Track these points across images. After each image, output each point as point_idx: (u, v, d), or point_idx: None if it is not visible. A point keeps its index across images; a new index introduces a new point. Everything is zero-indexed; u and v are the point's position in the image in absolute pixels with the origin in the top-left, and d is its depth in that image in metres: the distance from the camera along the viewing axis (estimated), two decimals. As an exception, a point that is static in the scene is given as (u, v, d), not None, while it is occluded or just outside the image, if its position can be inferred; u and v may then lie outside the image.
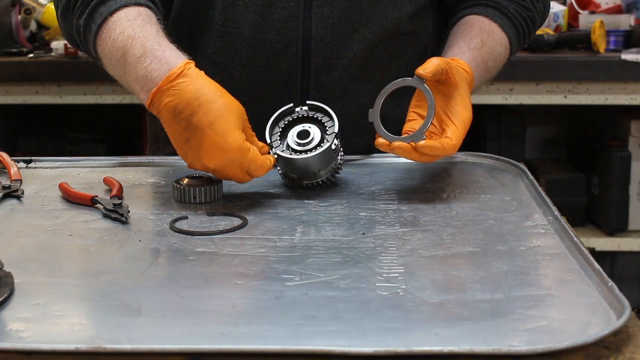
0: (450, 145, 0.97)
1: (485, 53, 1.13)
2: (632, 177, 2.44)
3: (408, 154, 0.97)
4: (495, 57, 1.15)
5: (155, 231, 0.88)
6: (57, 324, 0.67)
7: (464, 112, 1.00)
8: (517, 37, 1.18)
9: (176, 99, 0.94)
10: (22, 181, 1.06)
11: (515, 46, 1.19)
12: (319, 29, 1.11)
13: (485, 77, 1.15)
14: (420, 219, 0.91)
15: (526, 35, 1.20)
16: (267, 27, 1.11)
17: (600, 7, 2.58)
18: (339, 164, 1.03)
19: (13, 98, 2.32)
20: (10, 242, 0.87)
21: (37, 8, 2.49)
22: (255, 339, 0.63)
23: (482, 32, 1.14)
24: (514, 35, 1.17)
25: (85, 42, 1.08)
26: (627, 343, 0.62)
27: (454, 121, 0.99)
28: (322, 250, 0.82)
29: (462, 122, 0.99)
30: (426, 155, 0.97)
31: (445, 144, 0.97)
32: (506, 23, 1.16)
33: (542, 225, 0.89)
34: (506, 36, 1.16)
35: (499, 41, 1.16)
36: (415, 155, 0.97)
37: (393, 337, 0.63)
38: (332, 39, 1.12)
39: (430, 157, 0.98)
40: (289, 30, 1.11)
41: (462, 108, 1.00)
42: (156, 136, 1.29)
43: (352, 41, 1.13)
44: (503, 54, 1.17)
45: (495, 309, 0.68)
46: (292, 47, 1.12)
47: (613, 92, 2.26)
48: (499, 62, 1.17)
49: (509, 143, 2.58)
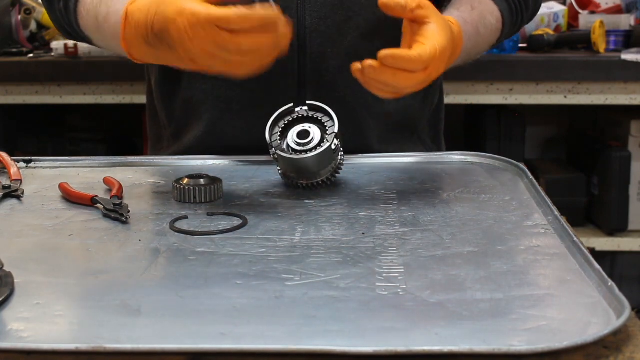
0: (414, 55, 0.90)
1: (476, 16, 1.12)
2: (632, 177, 2.45)
3: (377, 74, 0.91)
4: (487, 24, 1.14)
5: (155, 231, 0.89)
6: (57, 323, 0.67)
7: (434, 35, 0.93)
8: (509, 12, 1.18)
9: (141, 16, 0.90)
10: (22, 181, 1.06)
11: (508, 21, 1.18)
12: (313, 18, 1.12)
13: (478, 41, 1.13)
14: (420, 219, 0.91)
15: (519, 12, 1.19)
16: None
17: (600, 7, 2.58)
18: (339, 164, 1.03)
19: (13, 98, 2.32)
20: (10, 242, 0.87)
21: (37, 8, 2.49)
22: (255, 338, 0.63)
23: (473, 1, 1.15)
24: (506, 8, 1.17)
25: (70, 25, 1.12)
26: (627, 343, 0.62)
27: (420, 40, 0.93)
28: (322, 250, 0.82)
29: (430, 40, 0.93)
30: (391, 71, 0.90)
31: (408, 52, 0.91)
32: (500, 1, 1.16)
33: (542, 225, 0.89)
34: (497, 8, 1.16)
35: (490, 11, 1.16)
36: (385, 74, 0.91)
37: (393, 337, 0.63)
38: (327, 28, 1.12)
39: (396, 74, 0.91)
40: None
41: (431, 32, 0.93)
42: (159, 136, 1.29)
43: (346, 30, 1.13)
44: (495, 24, 1.16)
45: (495, 309, 0.68)
46: None
47: (613, 92, 2.26)
48: (491, 30, 1.15)
49: (509, 143, 2.58)
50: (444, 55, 0.94)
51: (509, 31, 1.21)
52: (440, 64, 0.95)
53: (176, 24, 0.85)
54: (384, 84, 0.93)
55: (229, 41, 0.84)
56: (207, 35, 0.84)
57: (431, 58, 0.92)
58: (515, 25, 1.22)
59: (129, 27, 0.92)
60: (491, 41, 1.18)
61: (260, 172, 1.11)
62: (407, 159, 1.17)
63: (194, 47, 0.86)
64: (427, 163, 1.16)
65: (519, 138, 2.61)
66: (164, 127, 1.26)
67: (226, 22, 0.84)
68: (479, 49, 1.16)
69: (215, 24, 0.84)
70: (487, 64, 2.19)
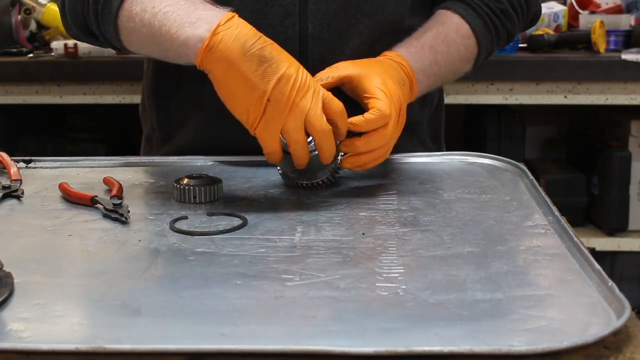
0: (378, 113, 0.98)
1: (430, 37, 1.14)
2: (632, 177, 2.44)
3: (353, 148, 0.99)
4: (448, 41, 1.15)
5: (155, 231, 0.88)
6: (57, 324, 0.67)
7: (379, 87, 1.01)
8: (484, 27, 1.18)
9: (241, 32, 0.94)
10: (22, 181, 1.06)
11: (484, 36, 1.18)
12: (315, 25, 1.12)
13: (435, 58, 1.14)
14: (420, 219, 0.91)
15: (497, 26, 1.19)
16: (264, 26, 1.11)
17: (600, 7, 2.58)
18: (339, 164, 1.03)
19: (13, 98, 2.32)
20: (10, 242, 0.87)
21: (37, 8, 2.49)
22: (255, 339, 0.63)
23: (435, 22, 1.17)
24: (479, 24, 1.18)
25: (101, 26, 1.06)
26: (627, 343, 0.62)
27: (374, 96, 1.00)
28: (322, 250, 0.82)
29: (380, 92, 1.00)
30: (368, 139, 0.99)
31: (373, 116, 0.98)
32: (470, 13, 1.17)
33: (542, 225, 0.89)
34: (468, 25, 1.17)
35: (455, 29, 1.16)
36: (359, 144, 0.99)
37: (393, 337, 0.63)
38: (329, 35, 1.12)
39: (374, 138, 0.99)
40: (286, 27, 1.11)
41: (375, 87, 1.01)
42: (148, 136, 1.29)
43: (348, 37, 1.13)
44: (459, 40, 1.17)
45: (495, 309, 0.68)
46: (289, 45, 1.12)
47: (613, 92, 2.26)
48: (454, 47, 1.16)
49: (509, 143, 2.58)
50: (394, 88, 1.01)
51: (493, 44, 1.21)
52: (396, 102, 1.01)
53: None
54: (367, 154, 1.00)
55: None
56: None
57: (388, 102, 0.99)
58: (498, 37, 1.21)
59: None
60: (465, 56, 1.18)
61: (260, 172, 1.11)
62: (407, 159, 1.17)
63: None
64: (427, 163, 1.16)
65: (519, 138, 2.61)
66: (157, 126, 1.26)
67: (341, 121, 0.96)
68: (448, 66, 1.17)
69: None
70: (487, 64, 2.18)
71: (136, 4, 1.01)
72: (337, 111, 0.95)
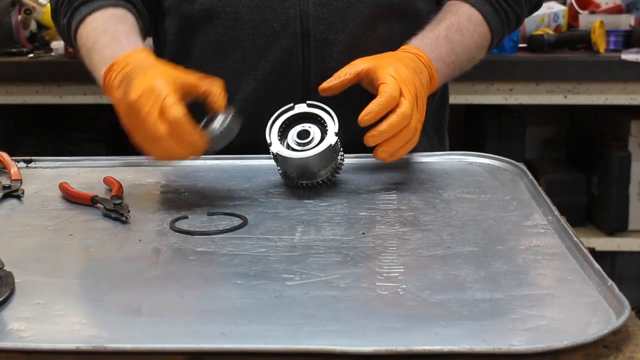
0: (385, 94, 0.98)
1: (444, 27, 1.15)
2: (632, 177, 2.45)
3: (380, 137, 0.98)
4: (462, 30, 1.16)
5: (155, 231, 0.89)
6: (57, 323, 0.67)
7: (390, 74, 1.01)
8: (495, 13, 1.19)
9: (128, 67, 1.01)
10: (22, 181, 1.06)
11: (495, 22, 1.19)
12: (315, 5, 1.14)
13: (451, 47, 1.15)
14: (420, 218, 0.91)
15: (506, 11, 1.20)
16: (265, 8, 1.14)
17: (600, 7, 2.58)
18: (339, 164, 1.03)
19: (13, 98, 2.32)
20: (11, 242, 0.87)
21: (37, 8, 2.49)
22: (255, 338, 0.63)
23: (447, 13, 1.17)
24: (489, 11, 1.19)
25: (69, 40, 1.20)
26: (627, 342, 0.63)
27: (383, 81, 1.00)
28: (322, 249, 0.82)
29: (390, 77, 1.00)
30: (388, 120, 0.98)
31: (381, 99, 0.98)
32: (479, 1, 1.18)
33: (541, 225, 0.89)
34: (479, 13, 1.18)
35: (467, 17, 1.18)
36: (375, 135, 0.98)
37: (393, 336, 0.63)
38: (329, 14, 1.14)
39: (393, 118, 0.98)
40: (287, 9, 1.13)
41: (387, 74, 1.01)
42: None
43: (348, 17, 1.15)
44: (472, 28, 1.18)
45: (495, 309, 0.68)
46: (290, 26, 1.14)
47: (613, 92, 2.26)
48: (468, 35, 1.17)
49: (509, 143, 2.58)
50: (407, 73, 1.01)
51: (504, 29, 1.22)
52: (409, 86, 1.00)
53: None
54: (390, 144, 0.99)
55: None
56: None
57: (396, 88, 0.99)
58: (508, 23, 1.22)
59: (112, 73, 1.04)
60: (469, 41, 1.19)
61: (260, 172, 1.11)
62: (407, 158, 1.17)
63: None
64: (427, 163, 1.16)
65: (518, 138, 2.61)
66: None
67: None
68: (465, 54, 1.18)
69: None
70: (487, 64, 2.18)
71: (85, 32, 1.14)
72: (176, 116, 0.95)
